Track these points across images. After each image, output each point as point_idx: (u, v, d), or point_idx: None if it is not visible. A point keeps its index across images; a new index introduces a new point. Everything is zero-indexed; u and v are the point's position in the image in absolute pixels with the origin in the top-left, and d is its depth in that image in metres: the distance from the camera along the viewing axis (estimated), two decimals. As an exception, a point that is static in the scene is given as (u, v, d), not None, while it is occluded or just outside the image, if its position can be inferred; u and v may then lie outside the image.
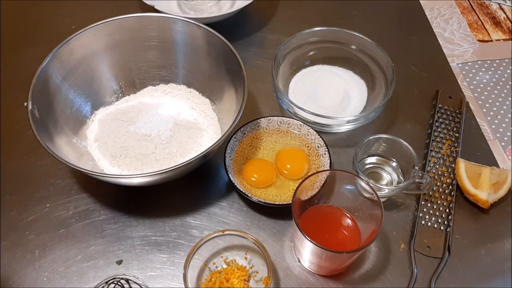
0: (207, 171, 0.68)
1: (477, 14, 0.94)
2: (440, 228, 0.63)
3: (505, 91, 0.81)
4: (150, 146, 0.65)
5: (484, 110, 0.78)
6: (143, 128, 0.66)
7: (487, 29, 0.91)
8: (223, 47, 0.66)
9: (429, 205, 0.65)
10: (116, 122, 0.68)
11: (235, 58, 0.64)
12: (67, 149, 0.62)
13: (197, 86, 0.72)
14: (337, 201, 0.60)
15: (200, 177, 0.67)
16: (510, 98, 0.80)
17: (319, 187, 0.58)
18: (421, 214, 0.64)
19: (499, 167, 0.69)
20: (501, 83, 0.82)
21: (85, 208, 0.64)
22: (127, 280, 0.57)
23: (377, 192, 0.55)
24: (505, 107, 0.79)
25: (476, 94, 0.80)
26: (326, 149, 0.66)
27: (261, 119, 0.69)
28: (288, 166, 0.66)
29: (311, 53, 0.79)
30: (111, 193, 0.65)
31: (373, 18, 0.90)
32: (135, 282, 0.57)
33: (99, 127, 0.68)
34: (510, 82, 0.82)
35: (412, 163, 0.63)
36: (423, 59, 0.84)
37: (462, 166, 0.66)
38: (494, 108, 0.79)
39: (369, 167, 0.68)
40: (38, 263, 0.59)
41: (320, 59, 0.79)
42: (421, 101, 0.77)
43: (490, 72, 0.84)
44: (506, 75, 0.83)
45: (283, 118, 0.69)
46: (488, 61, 0.85)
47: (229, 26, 0.85)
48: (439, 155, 0.70)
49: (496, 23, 0.92)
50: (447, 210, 0.65)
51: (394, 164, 0.67)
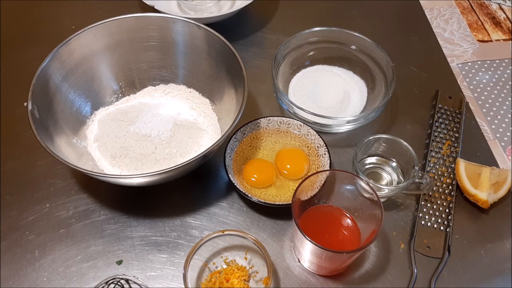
0: (207, 171, 0.68)
1: (477, 14, 0.94)
2: (440, 228, 0.63)
3: (505, 91, 0.81)
4: (150, 146, 0.65)
5: (484, 110, 0.78)
6: (143, 128, 0.66)
7: (487, 29, 0.91)
8: (223, 47, 0.66)
9: (429, 205, 0.65)
10: (116, 122, 0.68)
11: (235, 58, 0.64)
12: (67, 149, 0.62)
13: (197, 86, 0.72)
14: (337, 201, 0.60)
15: (200, 177, 0.67)
16: (510, 98, 0.80)
17: (319, 187, 0.58)
18: (421, 214, 0.64)
19: (499, 167, 0.69)
20: (501, 83, 0.82)
21: (85, 208, 0.64)
22: (127, 280, 0.57)
23: (377, 192, 0.55)
24: (505, 107, 0.79)
25: (476, 94, 0.80)
26: (326, 149, 0.66)
27: (261, 119, 0.69)
28: (288, 166, 0.66)
29: (311, 53, 0.79)
30: (111, 193, 0.65)
31: (373, 18, 0.90)
32: (135, 282, 0.57)
33: (99, 127, 0.68)
34: (510, 82, 0.82)
35: (412, 163, 0.63)
36: (423, 59, 0.84)
37: (462, 166, 0.66)
38: (494, 108, 0.79)
39: (369, 167, 0.68)
40: (38, 263, 0.59)
41: (320, 59, 0.79)
42: (421, 101, 0.77)
43: (490, 72, 0.84)
44: (506, 75, 0.83)
45: (283, 118, 0.69)
46: (488, 61, 0.86)
47: (229, 26, 0.85)
48: (439, 155, 0.70)
49: (496, 23, 0.92)
50: (447, 210, 0.65)
51: (394, 164, 0.67)
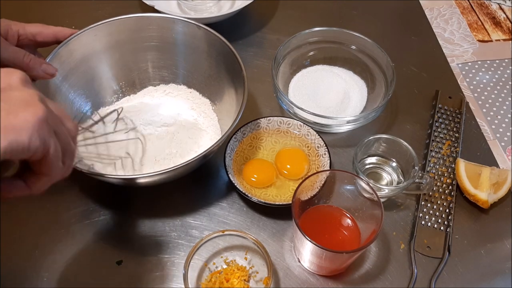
0: (207, 171, 0.68)
1: (477, 14, 0.94)
2: (440, 228, 0.63)
3: (505, 91, 0.81)
4: (150, 147, 0.65)
5: (484, 110, 0.78)
6: (143, 129, 0.66)
7: (487, 29, 0.91)
8: (223, 47, 0.66)
9: (429, 205, 0.65)
10: None
11: (235, 58, 0.64)
12: None
13: (198, 87, 0.72)
14: (337, 201, 0.60)
15: (200, 177, 0.67)
16: (510, 98, 0.80)
17: (319, 187, 0.58)
18: (421, 214, 0.64)
19: (499, 167, 0.69)
20: (501, 83, 0.82)
21: (85, 208, 0.64)
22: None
23: (377, 192, 0.55)
24: (505, 107, 0.79)
25: (476, 94, 0.80)
26: (326, 149, 0.66)
27: (261, 119, 0.69)
28: (288, 166, 0.66)
29: (311, 53, 0.79)
30: (111, 193, 0.65)
31: (373, 18, 0.90)
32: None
33: None
34: (510, 82, 0.82)
35: (412, 163, 0.63)
36: (423, 59, 0.84)
37: (462, 166, 0.66)
38: (494, 108, 0.79)
39: (369, 167, 0.68)
40: (38, 263, 0.59)
41: (320, 59, 0.79)
42: (421, 101, 0.77)
43: (490, 72, 0.84)
44: (506, 75, 0.83)
45: (283, 118, 0.69)
46: (488, 61, 0.86)
47: (229, 26, 0.85)
48: (439, 155, 0.70)
49: (496, 23, 0.92)
50: (447, 210, 0.65)
51: (394, 164, 0.67)
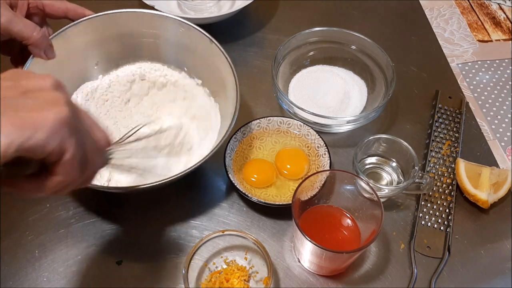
0: (207, 171, 0.68)
1: (477, 14, 0.94)
2: (440, 228, 0.63)
3: (505, 91, 0.81)
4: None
5: (484, 110, 0.78)
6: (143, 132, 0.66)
7: (487, 29, 0.91)
8: (216, 49, 0.65)
9: (429, 205, 0.65)
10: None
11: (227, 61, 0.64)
12: None
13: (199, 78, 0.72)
14: (337, 201, 0.60)
15: (200, 177, 0.67)
16: (510, 98, 0.80)
17: (319, 187, 0.58)
18: (421, 214, 0.64)
19: (499, 167, 0.69)
20: (501, 83, 0.82)
21: (85, 208, 0.64)
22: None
23: (377, 192, 0.55)
24: (505, 107, 0.79)
25: (476, 94, 0.80)
26: (326, 149, 0.66)
27: (261, 119, 0.69)
28: (288, 166, 0.66)
29: (311, 53, 0.79)
30: (111, 193, 0.65)
31: (373, 18, 0.90)
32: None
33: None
34: (510, 82, 0.82)
35: (412, 163, 0.63)
36: (423, 59, 0.84)
37: (462, 166, 0.66)
38: (494, 108, 0.79)
39: (369, 167, 0.68)
40: (38, 263, 0.59)
41: (320, 59, 0.79)
42: (421, 101, 0.77)
43: (490, 72, 0.84)
44: (506, 75, 0.83)
45: (283, 118, 0.69)
46: (488, 61, 0.86)
47: (229, 26, 0.85)
48: (439, 155, 0.70)
49: (496, 23, 0.92)
50: (447, 210, 0.65)
51: (394, 164, 0.67)
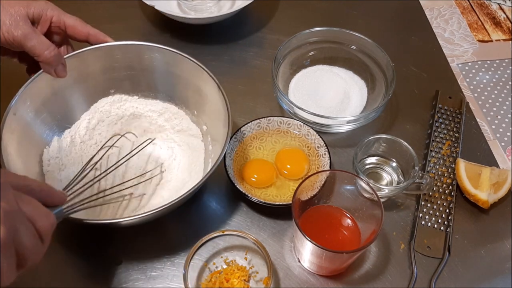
0: (207, 171, 0.68)
1: (477, 14, 0.94)
2: (440, 228, 0.63)
3: (505, 91, 0.81)
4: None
5: (484, 110, 0.78)
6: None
7: (487, 29, 0.91)
8: (203, 73, 0.64)
9: (429, 205, 0.65)
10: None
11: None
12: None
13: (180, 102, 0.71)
14: (337, 201, 0.60)
15: (200, 177, 0.67)
16: (510, 98, 0.80)
17: (319, 187, 0.58)
18: (421, 214, 0.64)
19: (499, 167, 0.69)
20: (501, 83, 0.82)
21: (85, 208, 0.64)
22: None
23: (377, 192, 0.55)
24: (505, 107, 0.79)
25: (476, 94, 0.80)
26: (326, 149, 0.66)
27: (261, 119, 0.69)
28: (288, 166, 0.66)
29: (311, 53, 0.79)
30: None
31: (373, 18, 0.90)
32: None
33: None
34: (510, 82, 0.82)
35: (412, 163, 0.63)
36: (423, 59, 0.84)
37: (462, 166, 0.66)
38: (494, 108, 0.79)
39: (369, 167, 0.68)
40: (38, 263, 0.59)
41: (320, 59, 0.79)
42: (421, 101, 0.77)
43: (490, 72, 0.84)
44: (506, 75, 0.83)
45: (283, 118, 0.69)
46: (488, 61, 0.85)
47: (229, 26, 0.85)
48: (439, 155, 0.70)
49: (496, 23, 0.92)
50: (447, 210, 0.65)
51: (394, 164, 0.67)
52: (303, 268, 0.60)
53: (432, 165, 0.69)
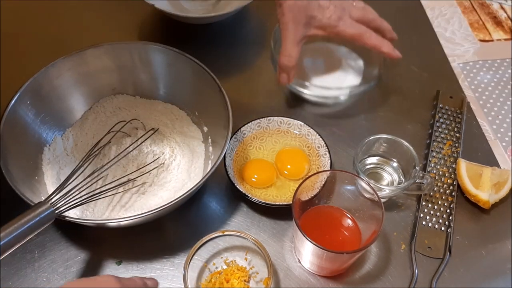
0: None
1: (478, 14, 0.94)
2: (441, 229, 0.63)
3: (506, 91, 0.81)
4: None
5: (485, 110, 0.78)
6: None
7: (488, 29, 0.91)
8: (204, 73, 0.64)
9: (430, 206, 0.65)
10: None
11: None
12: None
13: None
14: (338, 202, 0.59)
15: (200, 177, 0.67)
16: (511, 98, 0.80)
17: (320, 188, 0.58)
18: (422, 215, 0.64)
19: (500, 168, 0.69)
20: (502, 83, 0.82)
21: (85, 209, 0.64)
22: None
23: (378, 193, 0.55)
24: (506, 107, 0.79)
25: (477, 94, 0.80)
26: (327, 149, 0.66)
27: (261, 119, 0.69)
28: (289, 167, 0.66)
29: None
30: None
31: (374, 18, 0.90)
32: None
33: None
34: (511, 82, 0.82)
35: (413, 164, 0.63)
36: (424, 59, 0.83)
37: (463, 167, 0.66)
38: (495, 108, 0.78)
39: (370, 168, 0.68)
40: (38, 264, 0.59)
41: (318, 37, 0.78)
42: (422, 101, 0.77)
43: (491, 72, 0.84)
44: (507, 75, 0.83)
45: (283, 118, 0.69)
46: (489, 61, 0.85)
47: (229, 26, 0.85)
48: (440, 156, 0.70)
49: (497, 23, 0.92)
50: (448, 211, 0.65)
51: (395, 165, 0.67)
52: (304, 269, 0.60)
53: (433, 165, 0.69)
